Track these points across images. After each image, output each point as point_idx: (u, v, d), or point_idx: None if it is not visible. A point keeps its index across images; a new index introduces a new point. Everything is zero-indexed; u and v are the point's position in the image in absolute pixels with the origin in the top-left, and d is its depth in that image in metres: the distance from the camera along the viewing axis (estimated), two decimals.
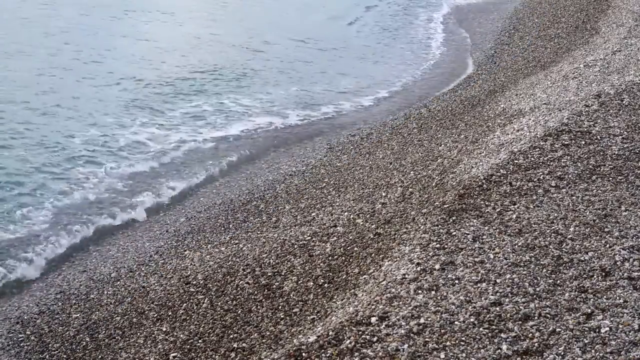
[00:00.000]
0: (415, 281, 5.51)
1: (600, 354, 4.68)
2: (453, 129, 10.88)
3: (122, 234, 9.55)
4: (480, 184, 7.17)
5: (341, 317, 5.31)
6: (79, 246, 9.20)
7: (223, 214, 9.58)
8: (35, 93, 14.02)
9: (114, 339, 6.88)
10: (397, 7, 25.84)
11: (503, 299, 5.22)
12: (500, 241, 6.06)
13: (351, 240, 7.28)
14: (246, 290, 6.97)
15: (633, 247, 5.94)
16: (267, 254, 7.60)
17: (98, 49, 17.61)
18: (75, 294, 7.90)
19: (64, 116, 13.08)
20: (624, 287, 5.38)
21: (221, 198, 10.33)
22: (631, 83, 10.15)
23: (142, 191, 10.61)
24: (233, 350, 6.06)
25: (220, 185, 11.02)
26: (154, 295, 7.49)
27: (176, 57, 17.61)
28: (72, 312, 7.49)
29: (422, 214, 6.94)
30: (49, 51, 16.98)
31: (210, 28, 20.85)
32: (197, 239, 8.88)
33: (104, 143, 12.16)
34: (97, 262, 8.74)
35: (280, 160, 11.94)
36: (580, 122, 8.64)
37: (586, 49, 14.28)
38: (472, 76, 16.44)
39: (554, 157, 7.74)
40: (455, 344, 4.77)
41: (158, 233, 9.37)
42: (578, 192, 6.95)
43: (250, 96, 15.26)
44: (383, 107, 15.24)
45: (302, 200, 9.42)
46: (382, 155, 10.65)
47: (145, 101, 14.33)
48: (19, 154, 11.29)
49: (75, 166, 11.14)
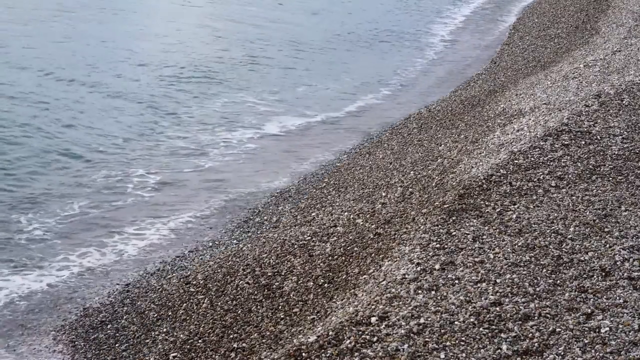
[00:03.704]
0: (415, 281, 5.51)
1: (600, 354, 4.68)
2: (453, 129, 10.88)
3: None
4: (480, 184, 7.17)
5: (341, 317, 5.31)
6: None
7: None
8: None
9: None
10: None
11: (503, 299, 5.22)
12: (500, 241, 6.06)
13: (351, 240, 7.28)
14: (246, 290, 6.97)
15: (633, 247, 5.94)
16: (267, 254, 7.59)
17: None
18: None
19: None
20: (624, 287, 5.38)
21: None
22: (631, 83, 10.16)
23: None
24: (233, 350, 6.06)
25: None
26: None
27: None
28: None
29: (422, 214, 6.93)
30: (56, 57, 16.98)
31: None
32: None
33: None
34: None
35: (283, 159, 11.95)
36: (580, 122, 8.64)
37: (586, 49, 14.28)
38: (472, 76, 16.45)
39: (554, 157, 7.74)
40: (455, 344, 4.77)
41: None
42: (578, 192, 6.95)
43: (256, 95, 15.26)
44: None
45: (302, 200, 9.42)
46: (382, 155, 10.64)
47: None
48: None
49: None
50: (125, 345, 6.76)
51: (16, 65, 15.57)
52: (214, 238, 8.78)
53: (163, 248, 8.84)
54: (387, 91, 16.35)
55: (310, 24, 22.53)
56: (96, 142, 12.09)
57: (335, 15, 24.12)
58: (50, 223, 9.43)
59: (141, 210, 10.09)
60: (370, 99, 15.82)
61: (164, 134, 12.81)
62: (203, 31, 20.40)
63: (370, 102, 15.65)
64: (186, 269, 7.91)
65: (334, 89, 16.26)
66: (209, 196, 10.58)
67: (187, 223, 9.63)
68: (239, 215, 9.39)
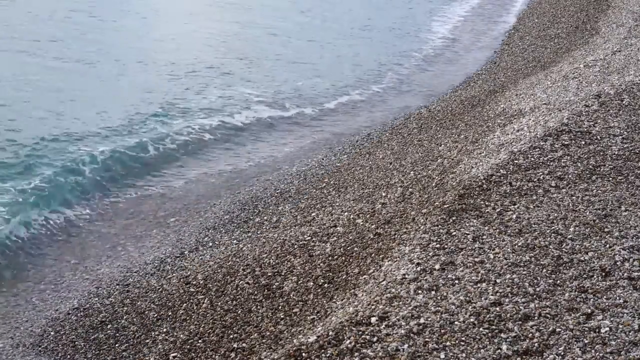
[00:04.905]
0: (415, 281, 5.51)
1: (600, 354, 4.68)
2: (453, 129, 10.88)
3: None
4: (480, 184, 7.18)
5: (341, 317, 5.31)
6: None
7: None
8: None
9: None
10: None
11: (503, 299, 5.22)
12: (500, 241, 6.06)
13: (351, 241, 7.28)
14: (246, 290, 6.97)
15: (633, 247, 5.94)
16: (267, 254, 7.60)
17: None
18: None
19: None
20: (624, 287, 5.38)
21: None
22: (631, 83, 10.16)
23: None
24: (233, 350, 6.06)
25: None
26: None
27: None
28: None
29: (422, 214, 6.94)
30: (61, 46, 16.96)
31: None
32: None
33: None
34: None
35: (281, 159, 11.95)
36: (580, 122, 8.64)
37: (586, 49, 14.28)
38: (472, 76, 16.45)
39: (554, 157, 7.74)
40: (455, 344, 4.77)
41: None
42: (578, 192, 6.95)
43: (256, 88, 15.26)
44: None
45: (302, 200, 9.42)
46: (382, 155, 10.65)
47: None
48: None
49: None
50: (125, 345, 6.76)
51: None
52: (214, 238, 8.78)
53: (163, 248, 8.84)
54: (386, 88, 16.35)
55: (299, 21, 22.45)
56: (84, 141, 12.01)
57: (326, 12, 23.97)
58: (50, 222, 9.45)
59: (141, 210, 10.10)
60: (370, 97, 15.82)
61: (160, 131, 12.79)
62: (202, 31, 20.40)
63: (368, 99, 15.64)
64: (186, 269, 7.91)
65: (332, 86, 16.24)
66: (209, 196, 10.59)
67: (187, 223, 9.63)
68: (239, 215, 9.39)
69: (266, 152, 12.54)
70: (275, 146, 12.86)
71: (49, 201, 9.90)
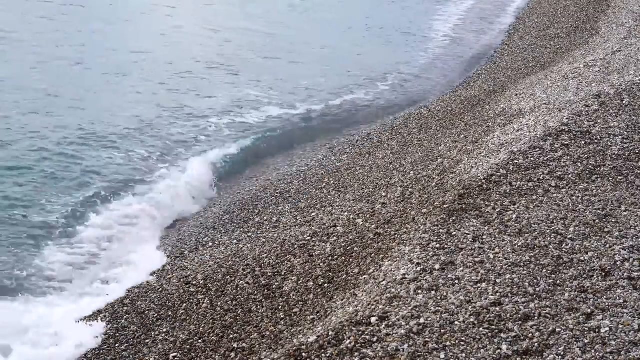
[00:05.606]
0: (415, 281, 5.51)
1: (600, 354, 4.68)
2: (453, 129, 10.88)
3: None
4: (480, 184, 7.18)
5: (341, 317, 5.31)
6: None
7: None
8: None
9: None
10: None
11: (503, 299, 5.23)
12: (500, 241, 6.06)
13: (351, 241, 7.28)
14: (246, 290, 6.97)
15: (633, 247, 5.94)
16: (267, 254, 7.60)
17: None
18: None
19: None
20: (624, 287, 5.38)
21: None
22: (631, 83, 10.16)
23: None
24: (233, 350, 6.06)
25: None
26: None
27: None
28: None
29: (422, 214, 6.94)
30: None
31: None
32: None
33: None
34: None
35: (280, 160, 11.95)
36: (580, 122, 8.64)
37: (586, 49, 14.28)
38: (472, 76, 16.44)
39: (554, 157, 7.74)
40: (455, 344, 4.77)
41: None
42: (578, 192, 6.95)
43: (258, 88, 15.25)
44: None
45: (302, 200, 9.42)
46: (382, 155, 10.64)
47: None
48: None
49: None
50: (125, 345, 6.76)
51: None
52: (214, 238, 8.78)
53: (163, 248, 8.84)
54: (385, 87, 16.33)
55: (299, 21, 22.42)
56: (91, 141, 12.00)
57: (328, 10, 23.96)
58: (50, 223, 9.45)
59: (140, 209, 10.09)
60: (369, 96, 15.80)
61: (163, 131, 12.77)
62: (203, 31, 20.40)
63: (367, 98, 15.62)
64: (186, 269, 7.91)
65: (332, 85, 16.22)
66: (209, 196, 10.60)
67: (186, 223, 9.64)
68: (239, 215, 9.39)
69: (266, 151, 12.54)
70: (274, 145, 12.86)
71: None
